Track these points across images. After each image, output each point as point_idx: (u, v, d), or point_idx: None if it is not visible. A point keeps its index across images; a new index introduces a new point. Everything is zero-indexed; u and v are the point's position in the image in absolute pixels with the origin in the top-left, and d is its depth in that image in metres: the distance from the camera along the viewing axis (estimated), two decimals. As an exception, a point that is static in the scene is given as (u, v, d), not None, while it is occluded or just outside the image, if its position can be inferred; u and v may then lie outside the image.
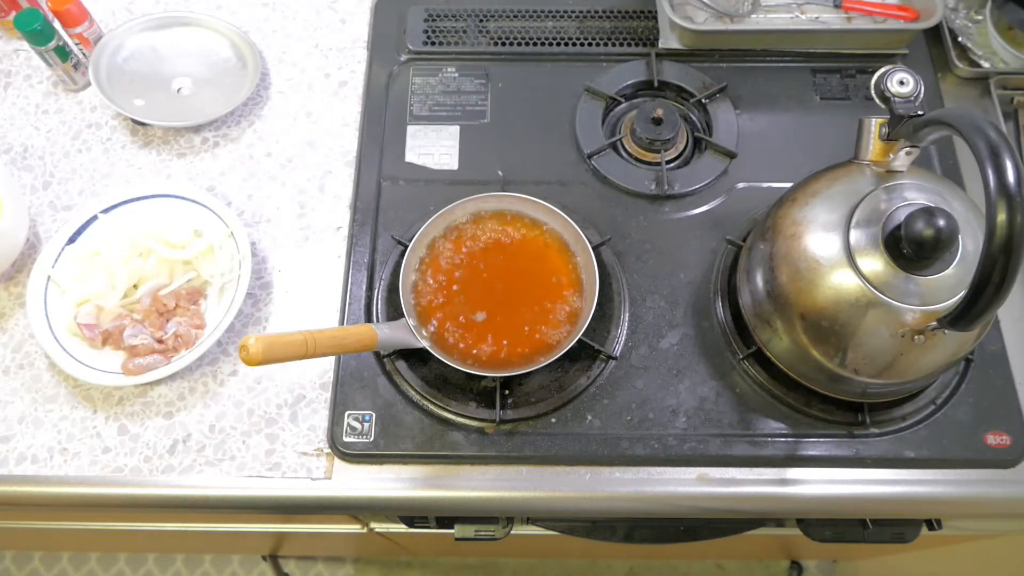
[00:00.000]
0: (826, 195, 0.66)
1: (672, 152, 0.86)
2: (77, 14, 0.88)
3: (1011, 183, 0.48)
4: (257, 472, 0.72)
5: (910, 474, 0.72)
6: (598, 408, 0.74)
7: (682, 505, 0.73)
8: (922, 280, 0.60)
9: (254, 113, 0.91)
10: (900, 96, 0.62)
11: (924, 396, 0.74)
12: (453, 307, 0.74)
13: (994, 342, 0.76)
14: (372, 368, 0.75)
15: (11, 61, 0.94)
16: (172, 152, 0.88)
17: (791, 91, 0.90)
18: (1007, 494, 0.72)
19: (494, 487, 0.72)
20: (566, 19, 0.95)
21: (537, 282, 0.75)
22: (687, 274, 0.80)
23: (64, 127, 0.90)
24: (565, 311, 0.74)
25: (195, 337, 0.76)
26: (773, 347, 0.71)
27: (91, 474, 0.73)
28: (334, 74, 0.93)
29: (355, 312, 0.78)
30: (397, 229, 0.81)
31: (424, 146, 0.87)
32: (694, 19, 0.92)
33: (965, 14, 0.93)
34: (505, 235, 0.77)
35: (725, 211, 0.83)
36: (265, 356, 0.59)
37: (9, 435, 0.74)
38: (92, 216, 0.81)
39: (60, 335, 0.75)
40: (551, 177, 0.85)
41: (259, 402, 0.75)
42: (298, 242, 0.83)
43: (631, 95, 0.91)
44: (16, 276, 0.81)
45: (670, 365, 0.76)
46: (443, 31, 0.94)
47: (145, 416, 0.75)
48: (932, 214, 0.57)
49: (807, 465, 0.72)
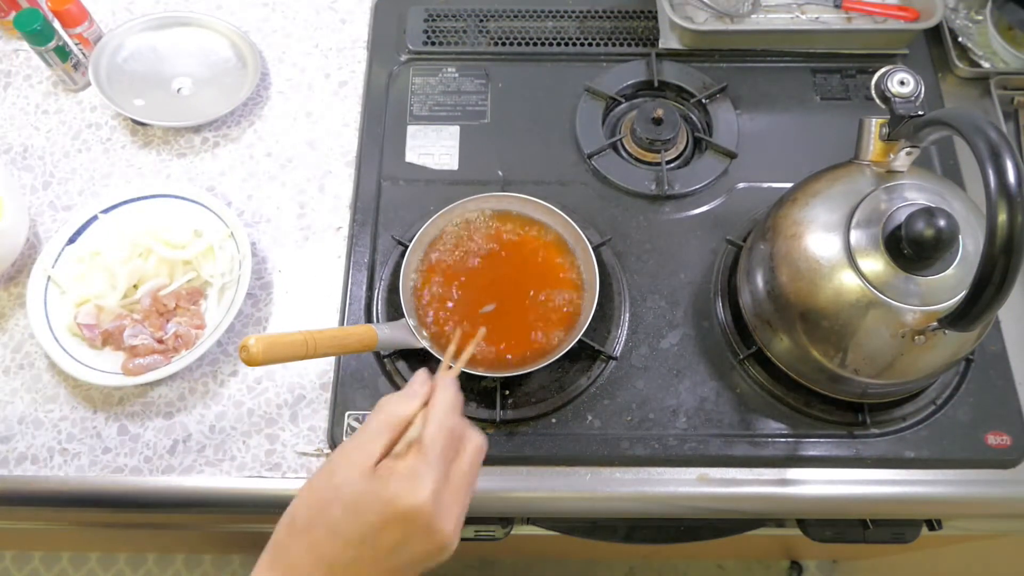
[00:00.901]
0: (826, 195, 0.66)
1: (672, 152, 0.86)
2: (77, 14, 0.88)
3: (1011, 183, 0.48)
4: (257, 472, 0.72)
5: (910, 474, 0.72)
6: (598, 408, 0.74)
7: (682, 505, 0.73)
8: (922, 280, 0.60)
9: (254, 113, 0.91)
10: (900, 96, 0.62)
11: (924, 396, 0.74)
12: (454, 307, 0.74)
13: (994, 342, 0.76)
14: (372, 368, 0.75)
15: (11, 61, 0.94)
16: (172, 152, 0.88)
17: (791, 91, 0.90)
18: (1007, 494, 0.72)
19: (494, 487, 0.72)
20: (566, 19, 0.95)
21: (537, 282, 0.75)
22: (687, 274, 0.80)
23: (64, 127, 0.90)
24: (565, 311, 0.74)
25: (195, 337, 0.76)
26: (773, 347, 0.71)
27: (91, 474, 0.73)
28: (334, 74, 0.93)
29: (355, 312, 0.78)
30: (397, 229, 0.81)
31: (424, 146, 0.87)
32: (694, 19, 0.92)
33: (965, 14, 0.93)
34: (505, 235, 0.77)
35: (725, 211, 0.83)
36: (265, 356, 0.59)
37: (9, 435, 0.74)
38: (92, 216, 0.81)
39: (60, 335, 0.75)
40: (551, 177, 0.85)
41: (259, 402, 0.75)
42: (298, 242, 0.83)
43: (631, 95, 0.91)
44: (16, 276, 0.81)
45: (670, 365, 0.75)
46: (443, 31, 0.94)
47: (145, 416, 0.75)
48: (932, 214, 0.57)
49: (807, 465, 0.72)
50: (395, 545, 0.48)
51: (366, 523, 0.48)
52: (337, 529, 0.48)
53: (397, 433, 0.51)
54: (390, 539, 0.48)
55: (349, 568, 0.48)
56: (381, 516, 0.48)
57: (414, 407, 0.53)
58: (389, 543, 0.48)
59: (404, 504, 0.47)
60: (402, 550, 0.48)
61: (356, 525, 0.48)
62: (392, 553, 0.48)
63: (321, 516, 0.49)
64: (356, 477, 0.49)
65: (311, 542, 0.49)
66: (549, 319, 0.73)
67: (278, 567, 0.49)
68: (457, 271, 0.75)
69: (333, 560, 0.48)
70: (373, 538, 0.48)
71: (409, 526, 0.48)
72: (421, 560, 0.50)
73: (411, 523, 0.48)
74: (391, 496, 0.48)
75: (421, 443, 0.50)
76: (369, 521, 0.48)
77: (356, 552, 0.48)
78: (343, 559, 0.48)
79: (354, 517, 0.48)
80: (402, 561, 0.49)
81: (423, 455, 0.49)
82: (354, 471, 0.49)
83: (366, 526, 0.48)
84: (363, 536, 0.48)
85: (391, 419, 0.52)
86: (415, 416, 0.53)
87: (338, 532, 0.48)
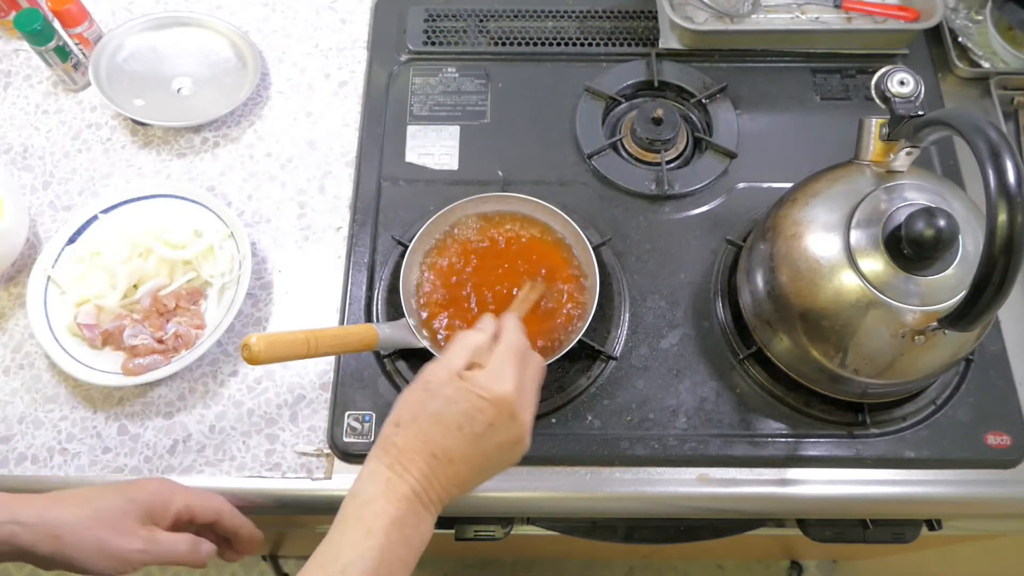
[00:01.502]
0: (826, 195, 0.66)
1: (672, 152, 0.86)
2: (77, 14, 0.88)
3: (1011, 183, 0.48)
4: (257, 472, 0.72)
5: (910, 474, 0.72)
6: (598, 408, 0.74)
7: (682, 505, 0.73)
8: (922, 280, 0.60)
9: (254, 113, 0.91)
10: (900, 96, 0.62)
11: (924, 396, 0.74)
12: (454, 307, 0.74)
13: (994, 342, 0.76)
14: (372, 368, 0.75)
15: (11, 61, 0.94)
16: (172, 152, 0.88)
17: (791, 91, 0.90)
18: (1007, 494, 0.72)
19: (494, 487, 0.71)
20: (566, 19, 0.95)
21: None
22: (687, 274, 0.80)
23: (64, 127, 0.90)
24: (565, 311, 0.74)
25: (195, 337, 0.76)
26: (773, 347, 0.71)
27: (91, 474, 0.73)
28: (334, 74, 0.93)
29: (355, 312, 0.78)
30: (397, 229, 0.81)
31: (424, 146, 0.87)
32: (694, 19, 0.92)
33: (965, 14, 0.93)
34: (505, 235, 0.77)
35: (725, 211, 0.83)
36: (267, 355, 0.59)
37: (9, 435, 0.74)
38: (92, 216, 0.81)
39: (60, 335, 0.75)
40: (551, 177, 0.85)
41: (259, 402, 0.75)
42: (298, 242, 0.83)
43: (631, 95, 0.91)
44: (16, 276, 0.81)
45: (670, 365, 0.76)
46: (443, 31, 0.94)
47: (145, 416, 0.75)
48: (932, 214, 0.57)
49: (807, 465, 0.72)
50: (486, 428, 0.56)
51: (461, 411, 0.55)
52: (438, 417, 0.56)
53: (474, 355, 0.59)
54: (482, 422, 0.55)
55: (450, 450, 0.55)
56: (474, 405, 0.55)
57: (486, 337, 0.61)
58: (481, 426, 0.55)
59: (494, 393, 0.56)
60: (492, 433, 0.56)
61: (453, 413, 0.55)
62: (483, 436, 0.56)
63: (422, 410, 0.56)
64: (448, 379, 0.57)
65: (416, 431, 0.56)
66: (549, 319, 0.73)
67: (390, 452, 0.55)
68: (457, 271, 0.75)
69: (437, 443, 0.55)
70: (469, 423, 0.55)
71: (499, 411, 0.56)
72: (507, 446, 0.57)
73: (500, 408, 0.56)
74: (482, 387, 0.56)
75: (500, 349, 0.59)
76: (464, 409, 0.55)
77: (455, 436, 0.55)
78: (444, 443, 0.55)
79: (452, 406, 0.55)
80: (493, 444, 0.56)
81: (504, 359, 0.58)
82: (445, 376, 0.57)
83: (462, 414, 0.55)
84: (460, 422, 0.55)
85: (468, 342, 0.60)
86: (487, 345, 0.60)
87: (439, 419, 0.55)
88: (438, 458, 0.55)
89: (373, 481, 0.54)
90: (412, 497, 0.54)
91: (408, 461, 0.54)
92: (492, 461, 0.58)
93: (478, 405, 0.55)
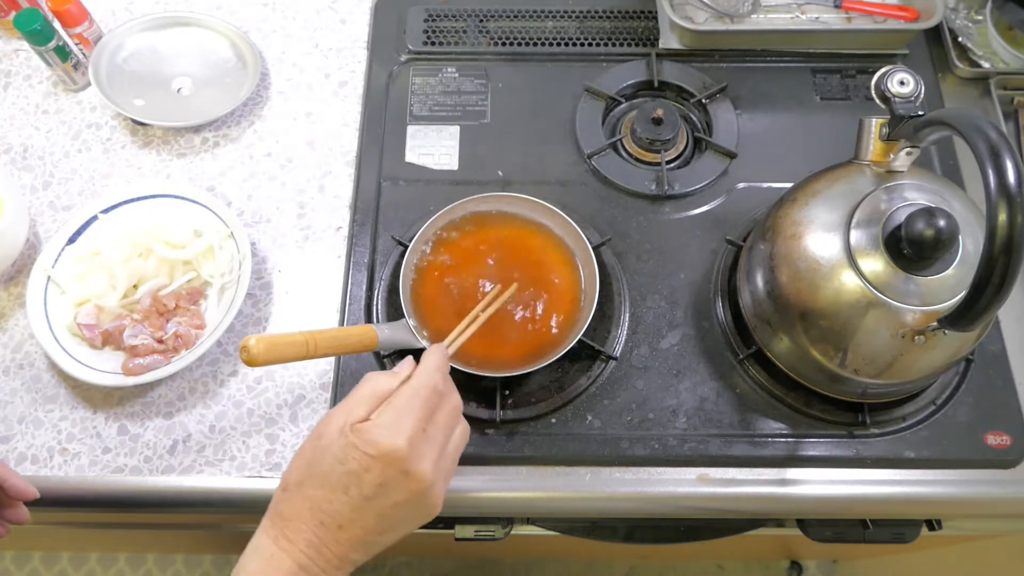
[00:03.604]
0: (826, 195, 0.66)
1: (672, 152, 0.86)
2: (77, 14, 0.88)
3: (1011, 183, 0.48)
4: (257, 472, 0.72)
5: (910, 474, 0.72)
6: (598, 408, 0.74)
7: (682, 505, 0.73)
8: (922, 280, 0.60)
9: (254, 113, 0.91)
10: (900, 96, 0.62)
11: (924, 396, 0.74)
12: (454, 307, 0.74)
13: (994, 342, 0.76)
14: (372, 369, 0.75)
15: (11, 61, 0.94)
16: (172, 152, 0.88)
17: (791, 91, 0.90)
18: (1007, 494, 0.72)
19: (494, 487, 0.72)
20: (566, 19, 0.95)
21: (537, 282, 0.75)
22: (687, 274, 0.80)
23: (64, 127, 0.90)
24: (565, 311, 0.74)
25: (195, 337, 0.76)
26: (773, 347, 0.71)
27: (91, 474, 0.73)
28: (334, 74, 0.93)
29: (355, 312, 0.78)
30: (397, 229, 0.81)
31: (424, 146, 0.87)
32: (694, 19, 0.92)
33: (965, 14, 0.93)
34: (505, 235, 0.77)
35: (725, 211, 0.83)
36: (266, 356, 0.59)
37: (9, 435, 0.74)
38: (92, 216, 0.81)
39: (60, 335, 0.75)
40: (551, 177, 0.85)
41: (259, 402, 0.75)
42: (298, 242, 0.83)
43: (631, 95, 0.91)
44: (16, 276, 0.81)
45: (670, 365, 0.76)
46: (443, 31, 0.94)
47: (145, 416, 0.75)
48: (932, 214, 0.57)
49: (807, 465, 0.72)
50: (376, 490, 0.52)
51: (349, 471, 0.52)
52: (325, 480, 0.52)
53: (379, 403, 0.55)
54: (370, 483, 0.52)
55: (338, 515, 0.52)
56: (361, 462, 0.52)
57: (396, 382, 0.57)
58: (370, 488, 0.52)
59: (381, 448, 0.52)
60: (384, 494, 0.52)
61: (339, 475, 0.52)
62: (374, 499, 0.52)
63: (310, 471, 0.53)
64: (338, 434, 0.53)
65: (302, 497, 0.53)
66: (549, 319, 0.73)
67: (276, 524, 0.53)
68: (457, 271, 0.75)
69: (323, 509, 0.52)
70: (357, 485, 0.52)
71: (387, 469, 0.52)
72: (404, 506, 0.53)
73: (389, 466, 0.52)
74: (369, 442, 0.52)
75: (402, 392, 0.55)
76: (351, 469, 0.52)
77: (342, 500, 0.52)
78: (331, 509, 0.52)
79: (338, 467, 0.52)
80: (387, 505, 0.53)
81: (402, 406, 0.54)
82: (336, 430, 0.53)
83: (350, 474, 0.52)
84: (346, 484, 0.52)
85: (375, 390, 0.56)
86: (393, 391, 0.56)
87: (325, 482, 0.52)
88: (326, 526, 0.52)
89: (256, 556, 0.53)
90: (297, 571, 0.51)
91: (294, 532, 0.52)
92: (392, 522, 0.54)
93: (364, 464, 0.52)
